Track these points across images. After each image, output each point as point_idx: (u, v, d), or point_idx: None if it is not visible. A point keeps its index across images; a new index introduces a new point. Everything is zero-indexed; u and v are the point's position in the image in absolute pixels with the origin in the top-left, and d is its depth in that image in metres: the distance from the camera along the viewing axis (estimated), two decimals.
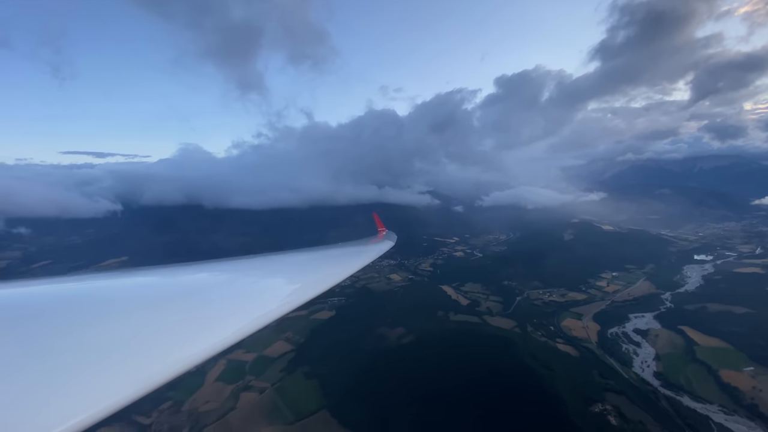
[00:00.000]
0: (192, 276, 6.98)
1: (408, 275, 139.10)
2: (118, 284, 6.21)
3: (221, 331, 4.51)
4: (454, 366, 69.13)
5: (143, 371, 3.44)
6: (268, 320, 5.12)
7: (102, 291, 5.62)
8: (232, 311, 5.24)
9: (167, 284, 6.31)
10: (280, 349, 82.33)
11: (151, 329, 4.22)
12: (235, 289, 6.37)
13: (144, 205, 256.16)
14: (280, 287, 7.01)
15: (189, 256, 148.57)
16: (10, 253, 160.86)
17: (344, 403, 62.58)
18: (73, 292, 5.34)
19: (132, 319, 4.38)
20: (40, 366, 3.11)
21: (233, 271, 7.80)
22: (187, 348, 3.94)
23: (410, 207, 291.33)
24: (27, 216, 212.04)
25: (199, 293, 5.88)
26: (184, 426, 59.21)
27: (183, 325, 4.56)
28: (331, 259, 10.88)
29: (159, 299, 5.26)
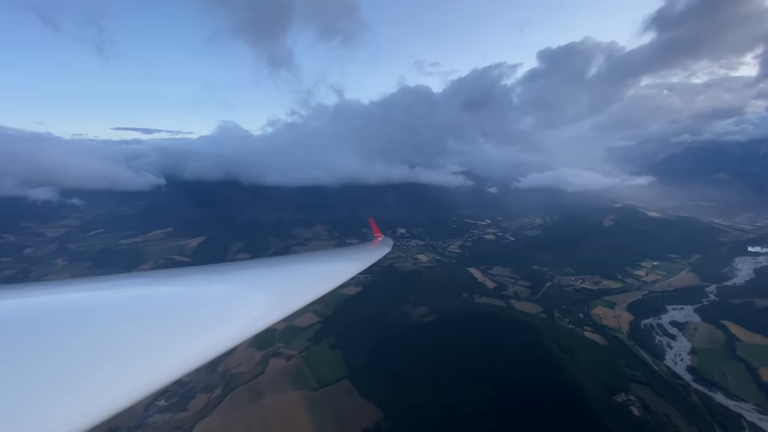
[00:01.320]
0: (189, 281, 6.95)
1: (435, 256, 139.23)
2: (116, 289, 6.16)
3: (216, 336, 4.49)
4: (473, 347, 69.47)
5: (140, 376, 3.44)
6: (264, 324, 5.11)
7: (99, 296, 5.57)
8: (229, 316, 5.21)
9: (163, 290, 6.26)
10: (308, 320, 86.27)
11: (146, 335, 4.17)
12: (232, 293, 6.34)
13: (186, 180, 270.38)
14: (277, 292, 6.98)
15: (227, 229, 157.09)
16: (69, 222, 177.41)
17: (365, 374, 65.16)
18: (67, 297, 5.25)
19: (128, 324, 4.34)
20: (32, 372, 3.10)
21: (231, 275, 7.81)
22: (182, 353, 3.94)
23: (442, 187, 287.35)
24: (80, 188, 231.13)
25: (196, 298, 5.83)
26: (218, 385, 64.35)
27: (180, 330, 4.49)
28: (327, 264, 10.91)
29: (154, 305, 5.22)
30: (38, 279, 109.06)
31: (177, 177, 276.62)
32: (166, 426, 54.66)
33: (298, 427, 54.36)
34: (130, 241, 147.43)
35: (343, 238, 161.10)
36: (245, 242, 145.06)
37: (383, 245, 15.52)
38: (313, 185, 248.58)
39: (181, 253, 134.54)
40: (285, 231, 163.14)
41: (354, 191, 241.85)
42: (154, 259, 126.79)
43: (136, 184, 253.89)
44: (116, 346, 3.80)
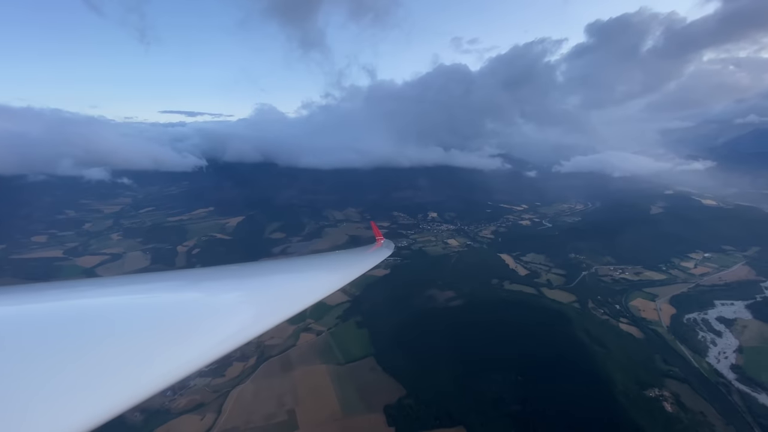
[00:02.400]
0: (193, 282, 7.05)
1: (466, 241, 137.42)
2: (121, 289, 6.13)
3: (217, 339, 4.50)
4: (499, 333, 69.02)
5: (140, 378, 3.45)
6: (266, 327, 5.12)
7: (100, 296, 5.59)
8: (230, 319, 5.23)
9: (169, 290, 6.30)
10: (338, 298, 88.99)
11: (145, 337, 4.16)
12: (233, 296, 6.37)
13: (226, 162, 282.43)
14: (279, 294, 7.00)
15: (264, 210, 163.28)
16: (123, 200, 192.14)
17: (389, 352, 66.93)
18: (66, 299, 5.26)
19: (129, 326, 4.33)
20: (31, 374, 3.11)
21: (232, 277, 7.87)
22: (184, 353, 3.96)
23: (477, 171, 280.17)
24: (129, 168, 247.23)
25: (199, 299, 5.86)
26: (253, 355, 68.64)
27: (183, 330, 4.51)
28: (328, 266, 10.95)
29: (153, 308, 5.23)
30: (97, 252, 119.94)
31: (218, 159, 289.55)
32: (206, 389, 59.37)
33: (324, 398, 57.17)
34: (175, 219, 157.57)
35: (374, 220, 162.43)
36: (281, 222, 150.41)
37: (385, 248, 15.53)
38: (345, 168, 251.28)
39: (222, 231, 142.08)
40: (318, 212, 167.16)
41: (386, 174, 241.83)
42: (197, 236, 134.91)
43: (180, 165, 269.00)
44: (116, 349, 3.79)
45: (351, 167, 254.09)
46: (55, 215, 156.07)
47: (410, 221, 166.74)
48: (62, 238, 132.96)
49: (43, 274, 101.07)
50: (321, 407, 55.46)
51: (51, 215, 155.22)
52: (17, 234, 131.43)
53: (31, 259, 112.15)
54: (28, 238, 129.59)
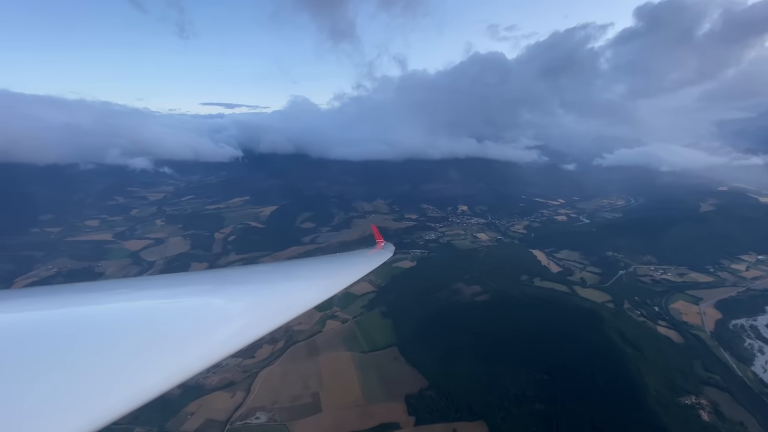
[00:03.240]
0: (193, 286, 7.01)
1: (496, 236, 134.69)
2: (120, 293, 6.15)
3: (219, 339, 4.52)
4: (526, 330, 67.51)
5: (141, 381, 3.45)
6: (264, 331, 5.09)
7: (100, 301, 5.59)
8: (228, 322, 5.21)
9: (167, 292, 6.30)
10: (364, 288, 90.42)
11: (145, 340, 4.15)
12: (232, 299, 6.32)
13: (261, 153, 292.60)
14: (277, 297, 6.88)
15: (296, 200, 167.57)
16: (166, 188, 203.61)
17: (412, 343, 67.36)
18: (66, 302, 5.25)
19: (129, 330, 4.33)
20: (29, 378, 3.10)
21: (231, 280, 7.84)
22: (182, 357, 3.94)
23: (511, 163, 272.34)
24: (171, 158, 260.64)
25: (199, 302, 5.86)
26: (281, 339, 71.37)
27: (183, 334, 4.48)
28: (327, 269, 10.88)
29: (160, 309, 5.26)
30: (142, 236, 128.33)
31: (253, 150, 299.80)
32: (236, 369, 62.61)
33: (347, 384, 58.65)
34: (213, 207, 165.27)
35: (403, 213, 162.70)
36: (311, 213, 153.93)
37: (385, 251, 15.39)
38: (375, 159, 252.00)
39: (256, 220, 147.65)
40: (347, 204, 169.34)
41: (416, 166, 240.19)
42: (233, 224, 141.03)
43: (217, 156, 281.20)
44: (115, 354, 3.78)
45: (381, 159, 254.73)
46: (106, 201, 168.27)
47: (439, 214, 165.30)
48: (112, 222, 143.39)
49: (94, 256, 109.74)
50: (344, 392, 56.96)
51: (102, 201, 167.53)
52: (72, 218, 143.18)
53: (84, 241, 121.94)
54: (81, 222, 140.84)
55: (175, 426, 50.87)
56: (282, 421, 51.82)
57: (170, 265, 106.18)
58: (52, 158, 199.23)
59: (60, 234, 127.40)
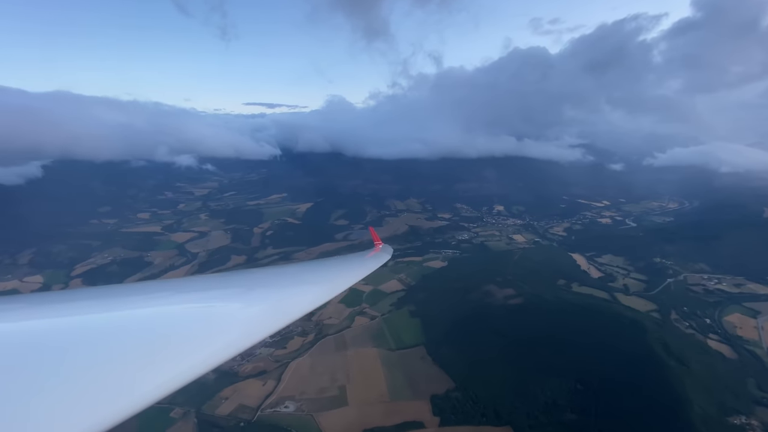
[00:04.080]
0: (193, 290, 7.13)
1: (534, 237, 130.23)
2: (122, 299, 6.26)
3: (220, 343, 4.54)
4: (561, 337, 64.73)
5: (141, 384, 3.48)
6: (263, 335, 5.09)
7: (105, 302, 5.70)
8: (227, 326, 5.22)
9: (169, 297, 6.39)
10: (393, 286, 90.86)
11: (144, 343, 4.21)
12: (230, 302, 6.43)
13: (299, 152, 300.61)
14: (275, 301, 6.96)
15: (330, 198, 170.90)
16: (210, 184, 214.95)
17: (440, 344, 66.79)
18: (67, 308, 5.35)
19: (131, 334, 4.42)
20: (30, 382, 3.13)
21: (230, 283, 7.97)
22: (183, 361, 3.99)
23: (553, 162, 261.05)
24: (214, 156, 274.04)
25: (199, 307, 5.92)
26: (312, 332, 73.44)
27: (181, 338, 4.54)
28: (325, 272, 10.92)
29: (159, 311, 5.35)
30: (188, 229, 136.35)
31: (291, 148, 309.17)
32: (269, 359, 65.15)
33: (374, 380, 59.28)
34: (254, 203, 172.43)
35: (436, 212, 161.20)
36: (345, 210, 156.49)
37: (383, 253, 15.34)
38: (409, 158, 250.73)
39: (292, 216, 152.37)
40: (380, 202, 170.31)
41: (451, 164, 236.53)
42: (271, 219, 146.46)
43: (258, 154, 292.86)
44: (117, 358, 3.84)
45: (415, 157, 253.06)
46: (156, 196, 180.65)
47: (473, 214, 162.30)
48: (161, 215, 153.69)
49: (144, 246, 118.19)
50: (370, 388, 57.64)
51: (153, 196, 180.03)
52: (126, 211, 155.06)
53: (136, 232, 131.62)
54: (134, 215, 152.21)
55: (211, 409, 53.88)
56: (309, 411, 53.34)
57: (212, 258, 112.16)
58: (108, 155, 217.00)
59: (115, 225, 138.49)
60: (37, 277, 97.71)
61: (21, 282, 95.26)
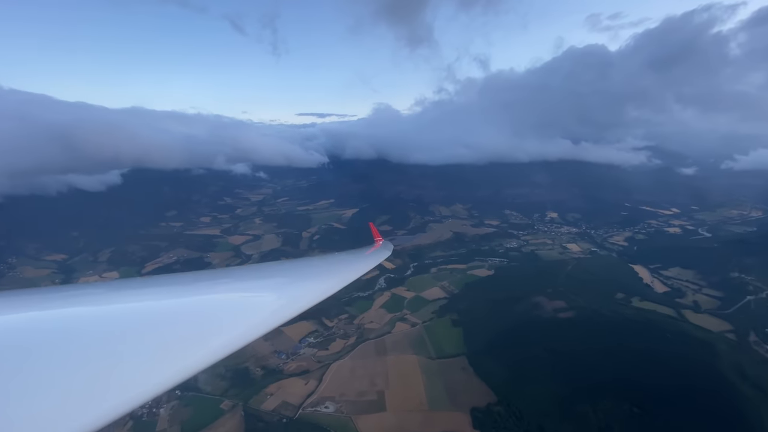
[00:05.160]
0: (188, 285, 7.08)
1: (590, 247, 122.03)
2: (125, 293, 6.29)
3: (217, 339, 4.53)
4: (616, 354, 60.10)
5: (139, 380, 3.48)
6: (260, 333, 5.05)
7: (105, 301, 5.70)
8: (226, 321, 5.22)
9: (168, 292, 6.38)
10: (435, 294, 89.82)
11: (142, 340, 4.22)
12: (227, 300, 6.38)
13: (346, 159, 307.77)
14: (273, 298, 6.92)
15: (375, 203, 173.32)
16: (265, 191, 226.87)
17: (483, 356, 64.77)
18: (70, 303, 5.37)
19: (133, 328, 4.44)
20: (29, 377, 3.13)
21: (227, 280, 7.95)
22: (181, 359, 3.97)
23: (614, 166, 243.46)
24: (266, 164, 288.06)
25: (196, 302, 5.89)
26: (353, 335, 74.74)
27: (179, 334, 4.56)
28: (324, 268, 10.80)
29: (158, 307, 5.36)
30: (243, 232, 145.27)
31: (339, 156, 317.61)
32: (312, 359, 67.28)
33: (413, 387, 58.85)
34: (303, 209, 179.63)
35: (482, 218, 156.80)
36: (389, 216, 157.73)
37: (383, 249, 15.17)
38: (455, 163, 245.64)
39: (338, 221, 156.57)
40: (424, 208, 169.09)
41: (499, 169, 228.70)
42: (318, 224, 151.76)
43: (307, 162, 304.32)
44: (121, 352, 3.89)
45: (461, 162, 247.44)
46: (217, 201, 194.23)
47: (523, 221, 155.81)
48: (221, 219, 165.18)
49: (205, 248, 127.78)
50: (408, 395, 57.31)
51: (214, 201, 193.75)
52: (191, 215, 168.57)
53: (198, 234, 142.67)
54: (198, 219, 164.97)
55: (257, 404, 56.73)
56: (348, 414, 54.20)
57: (264, 259, 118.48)
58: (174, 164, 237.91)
59: (181, 228, 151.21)
60: (113, 273, 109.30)
61: (100, 277, 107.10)
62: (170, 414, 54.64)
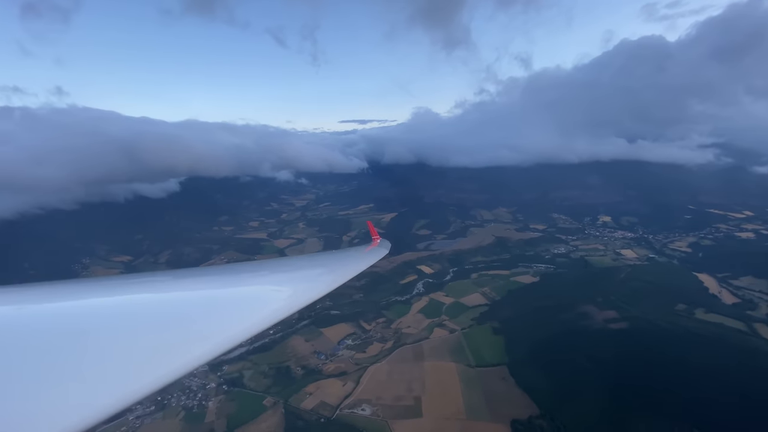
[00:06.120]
0: (185, 282, 7.09)
1: (648, 253, 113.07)
2: (122, 291, 6.29)
3: (209, 339, 4.51)
4: (675, 370, 55.05)
5: (137, 377, 3.49)
6: (255, 330, 5.04)
7: (106, 295, 5.72)
8: (226, 317, 5.25)
9: (170, 287, 6.41)
10: (476, 300, 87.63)
11: (140, 337, 4.27)
12: (224, 298, 6.37)
13: (385, 164, 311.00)
14: (269, 295, 6.94)
15: (414, 208, 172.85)
16: (308, 196, 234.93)
17: (525, 366, 62.12)
18: (73, 300, 5.41)
19: (131, 323, 4.46)
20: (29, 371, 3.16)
21: (225, 278, 7.94)
22: (176, 357, 3.97)
23: (676, 166, 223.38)
24: (308, 171, 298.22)
25: (190, 300, 5.92)
26: (390, 339, 74.86)
27: (177, 331, 4.61)
28: (321, 267, 10.79)
29: (149, 308, 5.33)
30: (288, 236, 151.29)
31: (378, 161, 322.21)
32: (349, 360, 68.30)
33: (450, 395, 57.73)
34: (344, 213, 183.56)
35: (528, 222, 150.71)
36: (428, 220, 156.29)
37: (380, 248, 15.07)
38: (498, 165, 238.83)
39: (377, 226, 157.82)
40: (465, 212, 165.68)
41: (546, 171, 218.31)
42: (358, 228, 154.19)
43: (347, 168, 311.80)
44: (120, 346, 3.92)
45: (504, 165, 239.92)
46: (264, 207, 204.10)
47: (573, 225, 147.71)
48: (268, 224, 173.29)
49: (252, 250, 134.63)
50: (446, 403, 56.29)
51: (262, 206, 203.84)
52: (241, 219, 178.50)
53: (247, 238, 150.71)
54: (247, 223, 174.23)
55: (297, 402, 58.55)
56: (384, 417, 54.28)
57: None
58: (224, 172, 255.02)
59: (231, 232, 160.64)
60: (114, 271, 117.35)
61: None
62: (218, 407, 57.99)
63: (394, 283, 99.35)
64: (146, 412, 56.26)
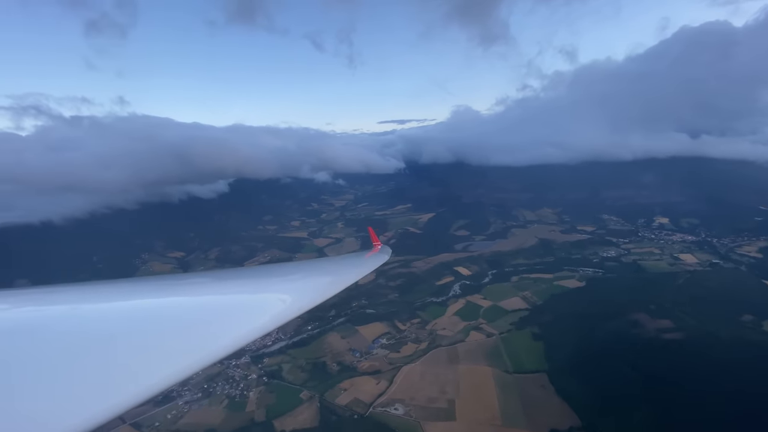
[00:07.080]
0: (188, 286, 7.20)
1: (711, 258, 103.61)
2: (125, 294, 6.38)
3: (209, 344, 4.54)
4: (738, 387, 49.93)
5: (138, 377, 3.53)
6: (256, 335, 5.07)
7: (107, 300, 5.75)
8: (227, 321, 5.27)
9: (170, 291, 6.46)
10: (515, 304, 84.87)
11: (141, 339, 4.28)
12: (224, 302, 6.40)
13: (423, 164, 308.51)
14: (271, 301, 6.94)
15: (453, 208, 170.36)
16: (347, 196, 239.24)
17: (566, 375, 59.38)
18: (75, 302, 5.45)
19: (134, 326, 4.51)
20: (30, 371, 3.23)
21: (225, 282, 8.04)
22: (181, 359, 3.99)
23: (745, 163, 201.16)
24: (346, 172, 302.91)
25: (191, 304, 5.96)
26: (425, 340, 74.52)
27: (180, 333, 4.63)
28: (322, 272, 10.79)
29: (152, 310, 5.38)
30: (327, 236, 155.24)
31: (416, 161, 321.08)
32: (384, 359, 68.86)
33: (485, 400, 56.48)
34: (381, 213, 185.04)
35: (574, 223, 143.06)
36: (467, 221, 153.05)
37: (382, 253, 15.01)
38: (543, 164, 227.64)
39: (414, 226, 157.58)
40: (506, 212, 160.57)
41: (596, 170, 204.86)
42: (395, 228, 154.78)
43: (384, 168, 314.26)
44: (122, 349, 3.96)
45: (550, 163, 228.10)
46: (305, 207, 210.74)
47: (625, 227, 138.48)
48: (308, 223, 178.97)
49: (293, 249, 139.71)
50: (480, 407, 55.16)
51: (303, 207, 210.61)
52: (283, 219, 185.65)
53: (289, 237, 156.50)
54: (289, 222, 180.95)
55: (332, 397, 60.05)
56: (417, 418, 54.23)
57: None
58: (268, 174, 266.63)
59: (274, 231, 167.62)
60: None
61: None
62: (258, 397, 60.96)
63: (430, 284, 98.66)
64: (194, 398, 60.44)
